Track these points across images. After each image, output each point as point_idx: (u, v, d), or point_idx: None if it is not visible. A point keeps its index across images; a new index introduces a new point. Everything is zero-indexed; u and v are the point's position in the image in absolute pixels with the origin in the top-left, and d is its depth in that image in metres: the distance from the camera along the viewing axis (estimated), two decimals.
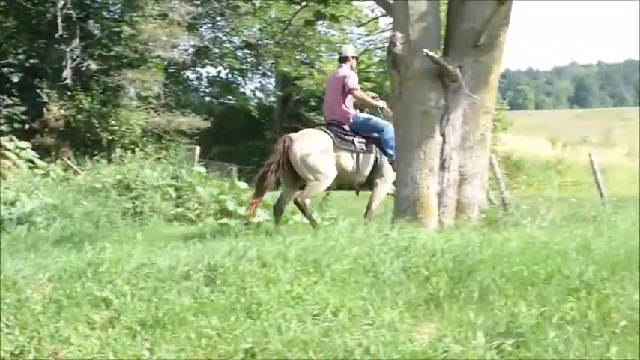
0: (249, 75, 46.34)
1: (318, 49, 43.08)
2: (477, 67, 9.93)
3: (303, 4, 13.62)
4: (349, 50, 13.16)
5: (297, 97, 42.79)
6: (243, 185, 17.86)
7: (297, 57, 42.94)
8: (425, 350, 5.06)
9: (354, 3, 30.83)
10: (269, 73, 47.23)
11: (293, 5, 14.68)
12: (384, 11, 11.86)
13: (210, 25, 43.31)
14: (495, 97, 10.39)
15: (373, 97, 13.12)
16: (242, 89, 46.42)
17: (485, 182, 10.32)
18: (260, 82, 48.52)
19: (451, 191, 9.70)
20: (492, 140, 33.58)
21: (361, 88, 13.21)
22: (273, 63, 44.74)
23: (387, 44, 10.68)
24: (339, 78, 12.60)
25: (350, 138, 12.30)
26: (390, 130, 11.87)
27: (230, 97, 45.44)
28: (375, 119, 12.58)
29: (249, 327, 5.39)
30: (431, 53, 9.55)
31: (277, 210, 12.28)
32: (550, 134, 70.63)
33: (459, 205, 9.75)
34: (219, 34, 43.42)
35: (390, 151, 11.95)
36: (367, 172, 12.46)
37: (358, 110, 12.75)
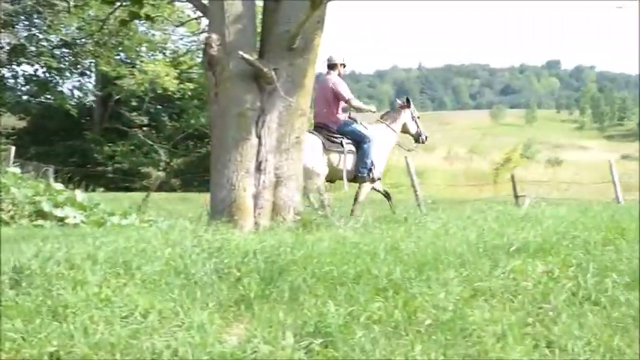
0: (68, 74, 45.28)
1: (138, 48, 42.51)
2: (292, 70, 10.04)
3: (118, 4, 13.46)
4: (337, 57, 13.69)
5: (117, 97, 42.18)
6: (59, 186, 17.42)
7: (117, 56, 42.27)
8: (234, 351, 5.08)
9: (176, 3, 30.55)
10: (88, 73, 46.34)
11: (108, 5, 14.47)
12: None
13: (26, 23, 42.07)
14: (310, 100, 10.53)
15: (367, 104, 14.07)
16: (60, 88, 45.28)
17: (301, 184, 10.43)
18: (79, 81, 47.53)
19: (267, 193, 9.78)
20: None
21: (182, 89, 13.52)
22: (92, 62, 43.92)
23: None
24: (330, 86, 13.24)
25: (338, 140, 13.07)
26: (371, 144, 13.06)
27: (48, 96, 44.28)
28: (361, 130, 13.31)
29: (54, 330, 5.28)
30: (246, 55, 9.60)
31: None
32: None
33: (274, 206, 9.84)
34: (36, 32, 42.24)
35: (367, 160, 13.12)
36: (354, 169, 13.34)
37: (348, 114, 13.54)
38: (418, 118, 14.92)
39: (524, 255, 6.98)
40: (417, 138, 14.81)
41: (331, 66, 13.67)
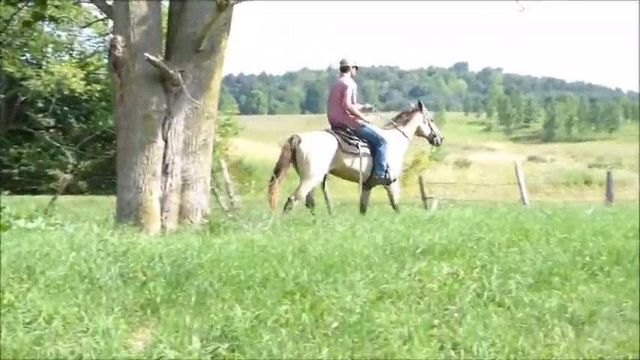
0: None
1: (44, 49, 41.77)
2: (199, 72, 10.02)
3: (21, 5, 13.26)
4: (349, 60, 14.03)
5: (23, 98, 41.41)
6: None
7: (23, 57, 41.47)
8: (139, 357, 5.04)
9: (83, 4, 30.13)
10: None
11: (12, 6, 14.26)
12: None
13: None
14: (217, 102, 10.51)
15: (368, 109, 14.20)
16: None
17: (209, 187, 10.40)
18: None
19: (174, 196, 9.74)
20: (224, 144, 33.93)
21: (90, 90, 13.39)
22: None
23: None
24: (343, 87, 13.58)
25: (355, 142, 13.24)
26: (386, 146, 13.35)
27: None
28: (377, 132, 13.53)
29: None
30: (152, 57, 9.55)
31: (308, 200, 13.09)
32: (282, 139, 72.10)
33: (182, 209, 9.81)
34: None
35: (383, 163, 13.30)
36: (369, 173, 13.36)
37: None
38: (431, 120, 15.20)
39: (429, 257, 7.06)
40: (432, 139, 15.03)
41: (344, 69, 14.02)
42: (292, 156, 12.79)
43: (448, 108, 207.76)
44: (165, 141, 9.76)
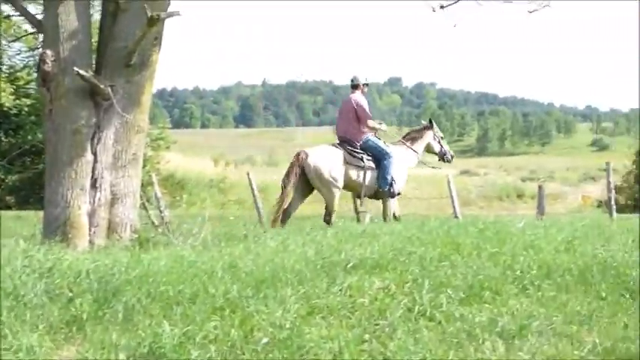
0: None
1: None
2: (129, 87, 9.95)
3: None
4: (360, 78, 14.62)
5: None
6: None
7: None
8: None
9: (13, 18, 29.79)
10: None
11: None
12: None
13: None
14: (148, 116, 10.45)
15: (379, 123, 14.58)
16: None
17: (139, 201, 10.32)
18: None
19: (103, 211, 9.64)
20: (155, 158, 33.70)
21: (19, 105, 13.27)
22: None
23: None
24: (352, 104, 13.97)
25: (359, 155, 13.57)
26: (391, 160, 13.65)
27: None
28: (382, 146, 13.91)
29: None
30: (81, 71, 9.48)
31: (285, 214, 13.19)
32: (215, 153, 71.95)
33: (111, 224, 9.72)
34: None
35: (387, 176, 13.58)
36: (374, 185, 13.65)
37: (374, 133, 14.02)
38: (442, 138, 15.54)
39: (361, 271, 7.07)
40: (442, 157, 15.39)
41: (355, 86, 14.43)
42: (301, 172, 13.08)
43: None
44: (95, 155, 9.68)
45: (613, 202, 16.72)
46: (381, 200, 14.01)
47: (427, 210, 26.83)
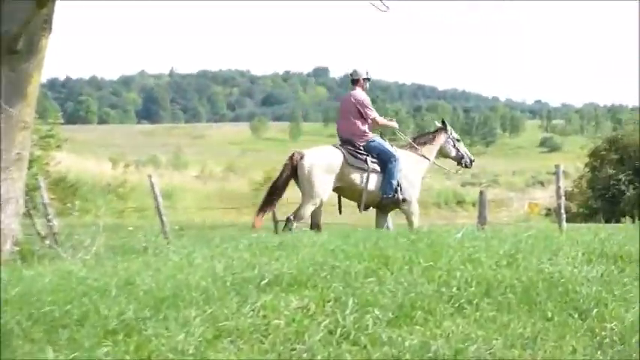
0: None
1: None
2: (14, 76, 9.84)
3: None
4: (361, 72, 14.70)
5: None
6: None
7: None
8: None
9: None
10: None
11: None
12: None
13: None
14: (35, 110, 10.34)
15: (390, 120, 15.16)
16: None
17: (23, 208, 10.20)
18: None
19: None
20: (44, 159, 33.23)
21: None
22: None
23: None
24: (353, 101, 14.26)
25: (363, 157, 13.88)
26: (396, 163, 13.93)
27: None
28: (387, 147, 14.20)
29: None
30: None
31: (313, 224, 13.95)
32: (114, 153, 71.42)
33: None
34: None
35: (392, 181, 13.84)
36: (378, 192, 13.98)
37: (379, 134, 14.54)
38: (458, 140, 15.58)
39: (277, 289, 7.06)
40: (459, 161, 15.46)
41: (355, 81, 14.58)
42: (294, 173, 13.45)
43: (306, 118, 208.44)
44: None
45: (563, 211, 16.88)
46: (401, 210, 14.47)
47: (358, 220, 26.91)
